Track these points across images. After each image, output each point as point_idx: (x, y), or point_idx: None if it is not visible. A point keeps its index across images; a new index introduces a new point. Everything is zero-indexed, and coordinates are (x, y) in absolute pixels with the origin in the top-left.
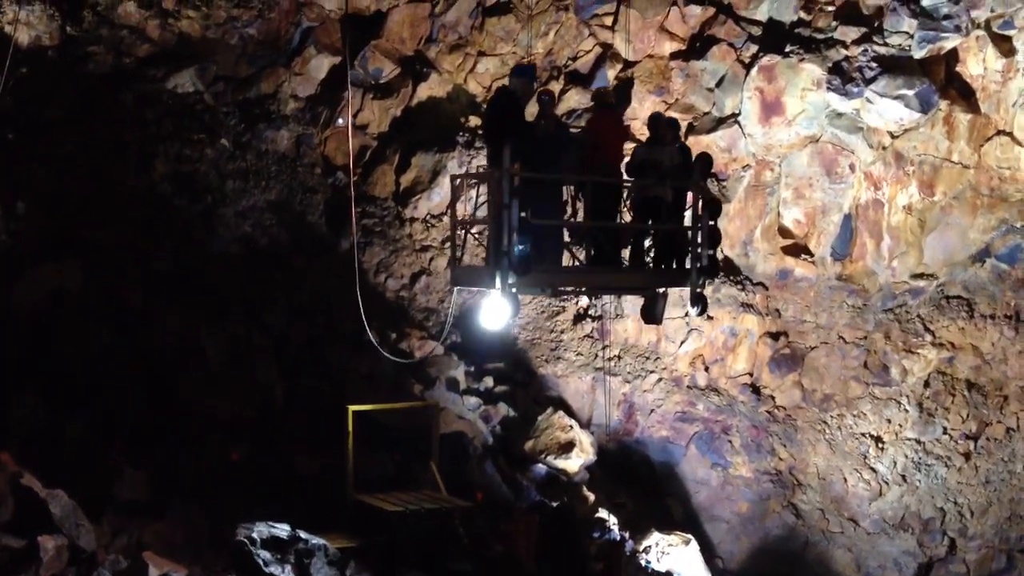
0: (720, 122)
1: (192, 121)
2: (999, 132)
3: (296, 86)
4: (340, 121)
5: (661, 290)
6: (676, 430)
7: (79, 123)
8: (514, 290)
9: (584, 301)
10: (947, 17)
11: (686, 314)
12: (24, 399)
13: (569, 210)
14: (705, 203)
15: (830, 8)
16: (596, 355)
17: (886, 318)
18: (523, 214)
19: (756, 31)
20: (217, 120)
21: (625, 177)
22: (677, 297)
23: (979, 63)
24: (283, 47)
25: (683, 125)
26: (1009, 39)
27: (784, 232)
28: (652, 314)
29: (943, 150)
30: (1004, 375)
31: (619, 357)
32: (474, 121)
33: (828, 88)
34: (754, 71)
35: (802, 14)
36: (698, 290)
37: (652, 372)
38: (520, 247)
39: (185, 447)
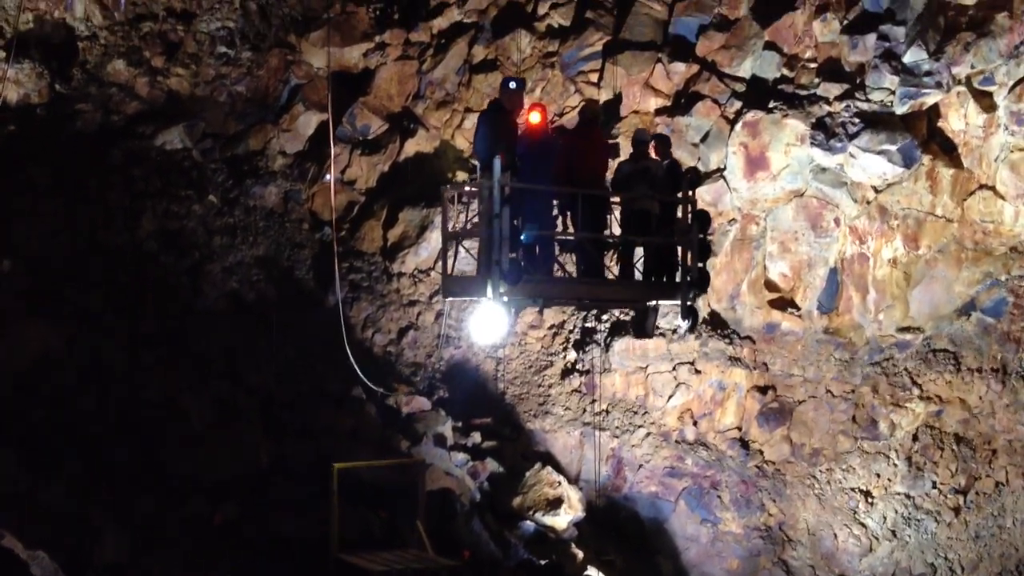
0: (705, 177)
1: (180, 178)
2: (982, 186)
3: (284, 142)
4: (328, 177)
5: (652, 304)
6: (665, 485)
7: (66, 181)
8: (505, 299)
9: (572, 355)
10: (928, 74)
11: (673, 368)
12: (5, 459)
13: (560, 225)
14: (694, 215)
15: (812, 65)
16: (584, 410)
17: (873, 371)
18: (515, 222)
19: (740, 87)
20: (205, 177)
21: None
22: (665, 350)
23: (961, 119)
24: (271, 104)
25: None
26: (990, 95)
27: (770, 286)
28: (643, 328)
29: (927, 204)
30: (992, 429)
31: (607, 412)
32: (461, 176)
33: (812, 143)
34: (738, 127)
35: (785, 71)
36: (688, 303)
37: (640, 427)
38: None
39: (169, 509)
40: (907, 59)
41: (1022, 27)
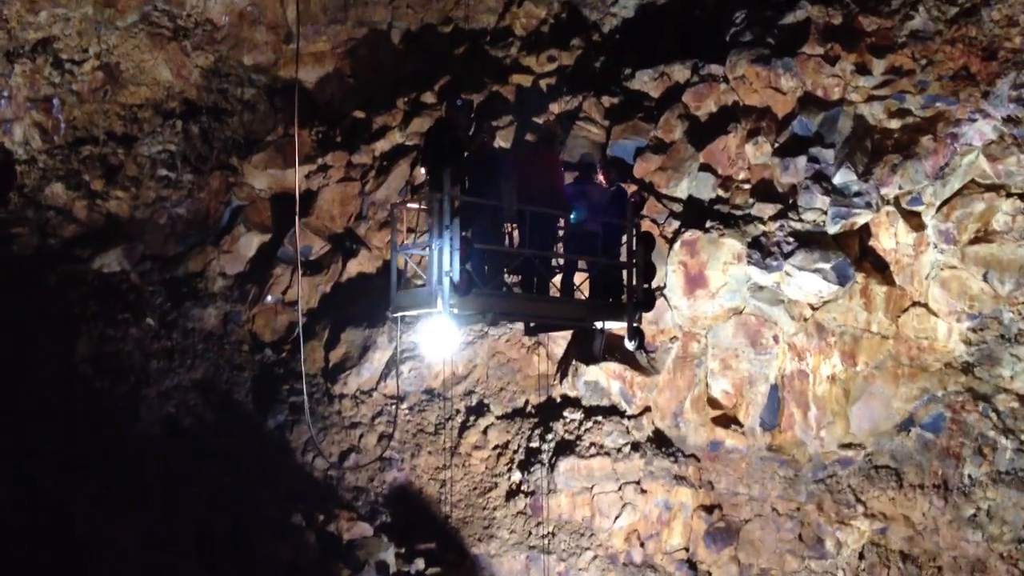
0: None
1: (117, 301)
2: (915, 303)
3: (224, 264)
4: (269, 298)
5: (599, 327)
6: None
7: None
8: (455, 311)
9: (517, 475)
10: (858, 194)
11: (619, 488)
12: None
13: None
14: (639, 238)
15: (746, 186)
16: (530, 532)
17: (818, 489)
18: (465, 234)
19: (677, 208)
20: (143, 299)
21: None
22: (611, 470)
23: (891, 237)
24: (212, 226)
25: None
26: (918, 214)
27: (713, 403)
28: (590, 352)
29: (862, 321)
30: (936, 545)
31: (553, 534)
32: None
33: (749, 262)
34: (677, 245)
35: (720, 192)
36: (635, 324)
37: (587, 549)
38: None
39: None
40: (837, 180)
41: (946, 149)
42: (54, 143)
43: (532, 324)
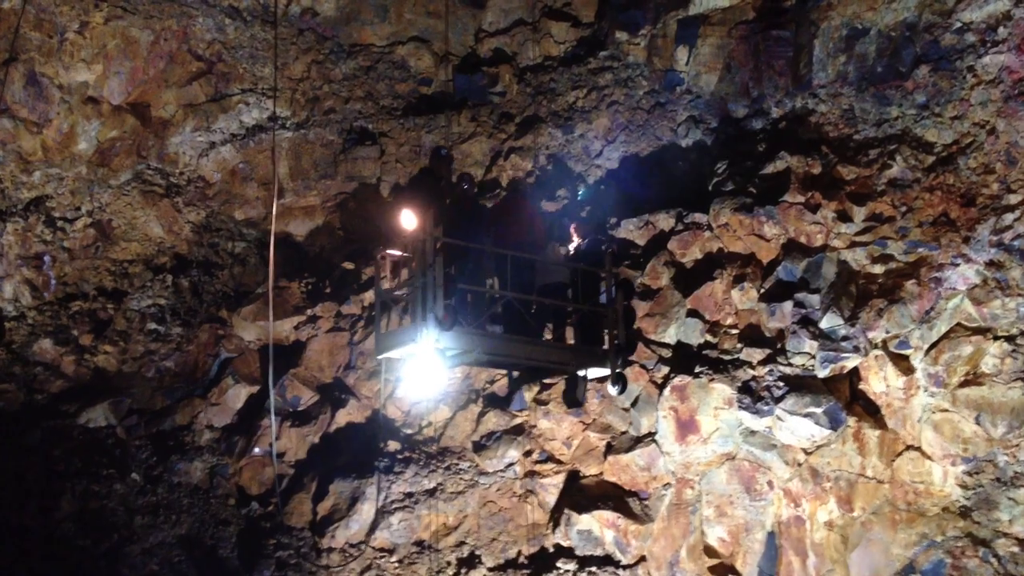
0: (637, 441)
1: (102, 456)
2: (908, 447)
3: (212, 416)
4: (257, 450)
5: (582, 374)
6: None
7: None
8: (439, 345)
9: None
10: (845, 338)
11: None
12: None
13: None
14: (618, 284)
15: (734, 331)
16: None
17: None
18: (450, 270)
19: (666, 353)
20: (128, 454)
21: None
22: None
23: (881, 381)
24: (200, 378)
25: (601, 445)
26: (907, 358)
27: (710, 551)
28: (573, 398)
29: (856, 465)
30: None
31: None
32: (393, 446)
33: (739, 407)
34: (667, 391)
35: (708, 337)
36: (617, 370)
37: None
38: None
39: None
40: (824, 325)
41: (930, 294)
42: (44, 299)
43: (516, 374)
